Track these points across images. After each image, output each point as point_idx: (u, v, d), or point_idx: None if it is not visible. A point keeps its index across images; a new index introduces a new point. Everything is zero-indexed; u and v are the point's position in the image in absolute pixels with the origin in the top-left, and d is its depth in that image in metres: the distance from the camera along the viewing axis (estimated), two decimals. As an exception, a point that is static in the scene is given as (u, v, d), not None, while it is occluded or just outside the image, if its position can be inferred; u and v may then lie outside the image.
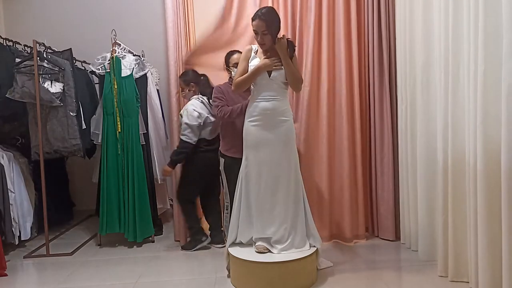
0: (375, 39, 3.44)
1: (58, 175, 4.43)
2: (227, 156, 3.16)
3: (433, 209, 2.91)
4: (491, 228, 2.25)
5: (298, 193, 2.79)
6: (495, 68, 2.17)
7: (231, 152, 3.13)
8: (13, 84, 3.53)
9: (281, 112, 2.75)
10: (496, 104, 2.18)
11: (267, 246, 2.73)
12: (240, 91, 2.85)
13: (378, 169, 3.52)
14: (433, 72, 2.88)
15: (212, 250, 3.47)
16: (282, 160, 2.75)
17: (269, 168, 2.74)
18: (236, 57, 3.13)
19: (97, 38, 4.02)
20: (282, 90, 2.78)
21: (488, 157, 2.24)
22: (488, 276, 2.28)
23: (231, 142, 3.13)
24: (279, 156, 2.74)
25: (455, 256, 2.62)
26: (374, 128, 3.52)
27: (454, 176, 2.58)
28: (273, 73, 2.73)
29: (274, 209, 2.76)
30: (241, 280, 2.75)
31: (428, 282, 2.70)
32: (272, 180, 2.75)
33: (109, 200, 3.60)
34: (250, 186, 2.81)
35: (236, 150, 3.03)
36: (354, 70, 3.44)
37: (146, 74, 3.84)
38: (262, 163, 2.75)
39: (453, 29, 2.52)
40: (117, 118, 3.57)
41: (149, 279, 2.96)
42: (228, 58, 3.24)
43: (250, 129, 2.79)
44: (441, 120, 2.70)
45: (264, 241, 2.75)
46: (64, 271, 3.17)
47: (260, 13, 2.70)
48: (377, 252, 3.33)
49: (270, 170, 2.75)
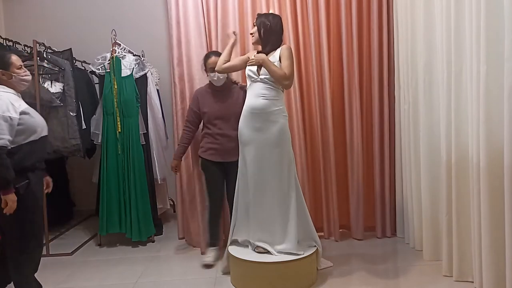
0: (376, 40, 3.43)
1: (58, 175, 4.41)
2: (202, 158, 3.14)
3: (437, 208, 2.91)
4: (494, 227, 2.25)
5: (289, 197, 2.76)
6: (497, 68, 2.17)
7: (206, 154, 3.11)
8: (13, 84, 3.53)
9: (272, 112, 2.72)
10: (498, 103, 2.18)
11: (266, 247, 2.73)
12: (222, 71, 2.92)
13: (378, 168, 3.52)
14: (435, 72, 2.88)
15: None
16: (271, 163, 2.72)
17: (258, 168, 2.74)
18: (212, 60, 3.02)
19: (97, 38, 4.01)
20: (275, 90, 2.75)
21: (491, 156, 2.24)
22: (492, 275, 2.28)
23: (206, 145, 3.11)
24: (269, 157, 2.72)
25: (460, 255, 2.62)
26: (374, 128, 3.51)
27: (458, 175, 2.58)
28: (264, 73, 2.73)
29: (262, 212, 2.75)
30: (241, 280, 2.75)
31: (433, 282, 2.69)
32: (261, 181, 2.74)
33: (109, 200, 3.60)
34: (244, 185, 2.82)
35: (211, 153, 3.08)
36: (355, 71, 3.44)
37: (146, 74, 3.83)
38: (252, 162, 2.75)
39: (455, 30, 2.52)
40: (117, 118, 3.57)
41: (149, 279, 2.96)
42: (205, 61, 3.14)
43: (242, 129, 2.81)
44: (444, 120, 2.70)
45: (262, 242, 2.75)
46: (64, 271, 3.17)
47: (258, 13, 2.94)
48: (379, 252, 3.32)
49: (259, 171, 2.74)
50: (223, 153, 3.05)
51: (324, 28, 3.42)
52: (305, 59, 3.50)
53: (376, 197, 3.55)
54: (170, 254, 3.49)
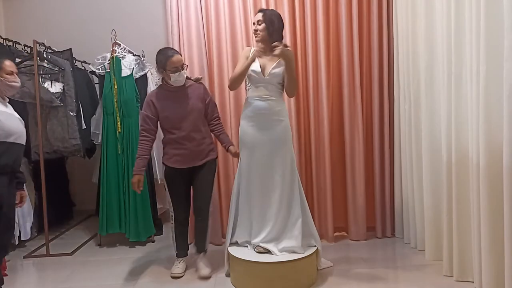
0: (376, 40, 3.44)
1: (58, 175, 4.43)
2: (167, 166, 2.91)
3: (439, 208, 2.91)
4: (493, 227, 2.25)
5: (293, 194, 2.77)
6: (497, 68, 2.18)
7: (171, 162, 2.88)
8: (13, 84, 3.53)
9: (276, 112, 2.74)
10: (498, 103, 2.19)
11: (267, 247, 2.73)
12: (236, 86, 2.83)
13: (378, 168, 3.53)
14: (436, 72, 2.89)
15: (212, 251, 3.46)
16: (277, 161, 2.74)
17: (264, 168, 2.74)
18: (177, 59, 2.77)
19: (97, 38, 4.01)
20: (278, 90, 2.78)
21: (490, 156, 2.25)
22: (491, 275, 2.28)
23: (171, 151, 2.88)
24: (274, 157, 2.73)
25: (460, 255, 2.62)
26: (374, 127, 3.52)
27: (458, 175, 2.58)
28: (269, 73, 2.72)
29: (268, 210, 2.76)
30: (241, 280, 2.75)
31: (433, 282, 2.70)
32: (267, 180, 2.75)
33: (109, 200, 3.60)
34: (245, 187, 2.81)
35: (177, 159, 2.86)
36: (356, 71, 3.44)
37: (146, 74, 3.84)
38: (257, 163, 2.75)
39: (455, 29, 2.52)
40: (117, 118, 3.57)
41: (149, 279, 2.96)
42: (165, 60, 2.76)
43: (246, 130, 2.78)
44: (445, 119, 2.70)
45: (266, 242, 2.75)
46: (64, 271, 3.17)
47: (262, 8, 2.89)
48: (380, 252, 3.32)
49: (265, 171, 2.74)
50: (190, 158, 2.85)
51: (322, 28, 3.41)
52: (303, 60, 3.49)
53: (376, 197, 3.55)
54: (170, 254, 3.48)
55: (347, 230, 3.62)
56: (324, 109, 3.44)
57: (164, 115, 2.84)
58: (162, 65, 2.79)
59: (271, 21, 2.70)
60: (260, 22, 2.72)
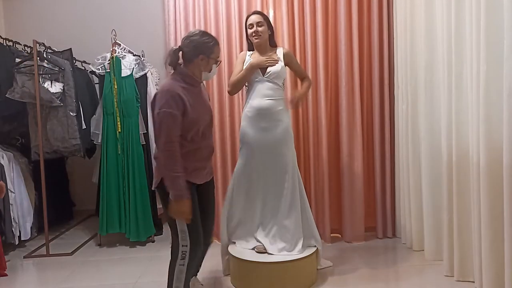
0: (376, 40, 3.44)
1: (58, 175, 4.43)
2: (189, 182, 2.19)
3: (439, 208, 2.91)
4: (494, 227, 2.25)
5: (294, 194, 2.77)
6: (497, 68, 2.18)
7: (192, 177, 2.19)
8: (13, 84, 3.53)
9: (277, 112, 2.73)
10: (498, 102, 2.19)
11: (266, 247, 2.73)
12: (236, 92, 2.85)
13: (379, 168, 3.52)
14: (437, 72, 2.89)
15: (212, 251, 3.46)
16: (278, 161, 2.73)
17: (265, 169, 2.74)
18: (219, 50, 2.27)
19: (97, 38, 4.02)
20: (279, 90, 2.77)
21: (490, 155, 2.24)
22: (491, 275, 2.28)
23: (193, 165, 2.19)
24: (275, 157, 2.73)
25: (461, 255, 2.62)
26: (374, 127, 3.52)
27: (459, 174, 2.58)
28: (268, 72, 2.73)
29: (269, 210, 2.76)
30: (241, 280, 2.75)
31: (434, 282, 2.69)
32: (270, 180, 2.75)
33: (109, 200, 3.60)
34: (246, 187, 2.81)
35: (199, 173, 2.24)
36: (355, 71, 3.44)
37: (146, 74, 3.83)
38: (258, 164, 2.75)
39: (455, 29, 2.52)
40: (117, 118, 3.57)
41: (149, 279, 2.96)
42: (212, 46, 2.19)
43: (246, 130, 2.77)
44: (445, 119, 2.70)
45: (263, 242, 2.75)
46: (64, 271, 3.17)
47: (255, 10, 2.89)
48: (380, 252, 3.32)
49: (265, 172, 2.74)
50: (209, 172, 2.34)
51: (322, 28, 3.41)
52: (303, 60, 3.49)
53: (377, 197, 3.55)
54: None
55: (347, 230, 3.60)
56: (322, 109, 3.43)
57: (193, 117, 2.10)
58: (206, 50, 2.15)
59: (269, 22, 2.77)
60: (260, 24, 2.73)
